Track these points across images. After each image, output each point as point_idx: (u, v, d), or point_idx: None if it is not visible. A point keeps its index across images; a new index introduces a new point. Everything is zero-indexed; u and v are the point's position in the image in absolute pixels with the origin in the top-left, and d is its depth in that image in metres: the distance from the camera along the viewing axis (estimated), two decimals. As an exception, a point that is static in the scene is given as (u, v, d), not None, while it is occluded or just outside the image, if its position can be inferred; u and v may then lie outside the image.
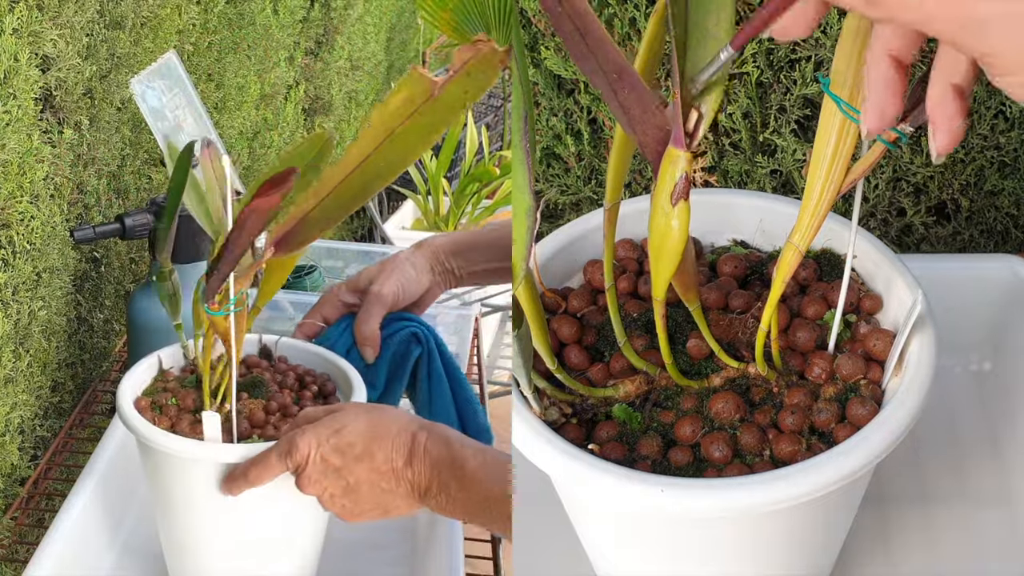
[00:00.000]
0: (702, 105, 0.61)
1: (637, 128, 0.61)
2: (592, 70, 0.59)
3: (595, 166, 1.24)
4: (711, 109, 0.61)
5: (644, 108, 0.61)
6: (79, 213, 1.18)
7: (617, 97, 0.60)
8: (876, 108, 0.56)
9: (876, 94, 0.55)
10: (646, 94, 0.60)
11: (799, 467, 0.67)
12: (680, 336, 0.77)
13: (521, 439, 0.70)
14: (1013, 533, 0.88)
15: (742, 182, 1.18)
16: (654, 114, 0.61)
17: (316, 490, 0.81)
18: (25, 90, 1.00)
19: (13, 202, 1.01)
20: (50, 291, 1.12)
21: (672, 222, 0.63)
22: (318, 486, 0.81)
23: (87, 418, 1.25)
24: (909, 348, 0.72)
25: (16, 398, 1.08)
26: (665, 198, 0.62)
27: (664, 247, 0.64)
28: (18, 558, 1.04)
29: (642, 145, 0.62)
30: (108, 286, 1.31)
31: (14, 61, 0.98)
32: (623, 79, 0.59)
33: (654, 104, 0.61)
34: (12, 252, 1.03)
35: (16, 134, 0.99)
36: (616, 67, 0.59)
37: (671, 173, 0.62)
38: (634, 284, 0.81)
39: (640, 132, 0.61)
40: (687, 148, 0.61)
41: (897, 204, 1.17)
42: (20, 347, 1.07)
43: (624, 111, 0.61)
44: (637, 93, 0.60)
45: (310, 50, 2.14)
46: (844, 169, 0.64)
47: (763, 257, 0.83)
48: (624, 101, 0.60)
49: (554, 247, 0.84)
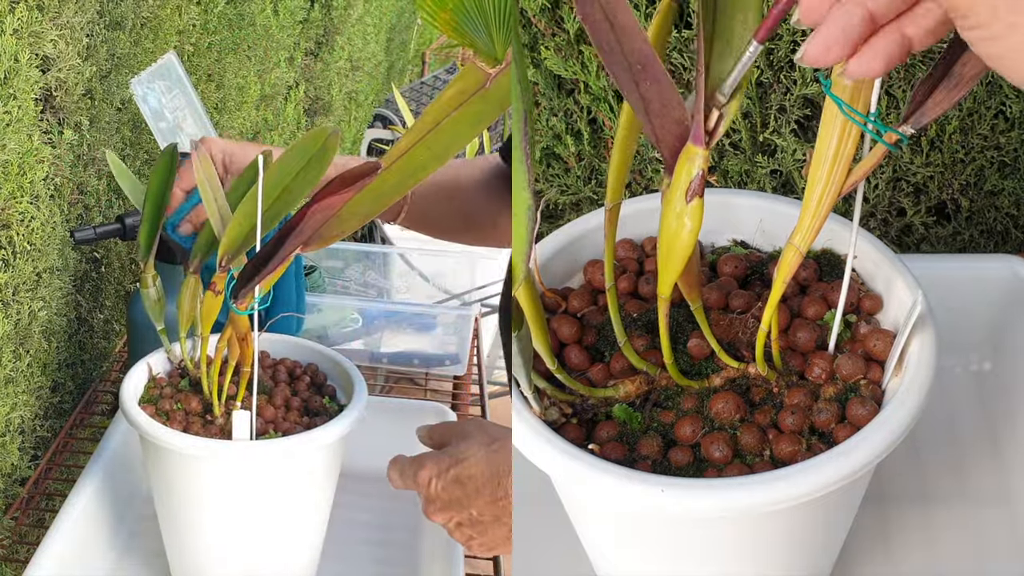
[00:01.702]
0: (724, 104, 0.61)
1: (655, 121, 0.61)
2: (615, 60, 0.58)
3: (595, 166, 1.24)
4: (732, 109, 0.61)
5: (665, 102, 0.60)
6: (79, 213, 1.18)
7: (639, 88, 0.59)
8: (824, 41, 0.53)
9: (829, 28, 0.53)
10: (669, 88, 0.60)
11: (799, 467, 0.67)
12: (680, 336, 0.77)
13: (521, 439, 0.70)
14: (1013, 533, 0.89)
15: (742, 182, 1.18)
16: (674, 109, 0.61)
17: (442, 519, 0.83)
18: (25, 90, 1.00)
19: (13, 202, 1.01)
20: (50, 291, 1.12)
21: (685, 220, 0.63)
22: (443, 515, 0.82)
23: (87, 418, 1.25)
24: (909, 348, 0.72)
25: (16, 398, 1.08)
26: (680, 195, 0.62)
27: (675, 245, 0.64)
28: (18, 558, 1.04)
29: (658, 139, 0.62)
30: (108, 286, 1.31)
31: (14, 62, 0.98)
32: (647, 70, 0.59)
33: (675, 99, 0.61)
34: (12, 252, 1.03)
35: (16, 134, 0.99)
36: (641, 57, 0.58)
37: (688, 170, 0.61)
38: (634, 284, 0.81)
39: (658, 126, 0.61)
40: (706, 146, 0.61)
41: (897, 204, 1.17)
42: (20, 347, 1.07)
43: (644, 103, 0.60)
44: (660, 86, 0.60)
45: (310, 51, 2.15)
46: (845, 171, 0.64)
47: (763, 257, 0.83)
48: (646, 93, 0.60)
49: (554, 247, 0.84)
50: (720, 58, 0.61)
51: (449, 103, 0.70)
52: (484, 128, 0.71)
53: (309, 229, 0.74)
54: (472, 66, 0.69)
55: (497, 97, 0.69)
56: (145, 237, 0.92)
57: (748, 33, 0.61)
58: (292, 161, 0.81)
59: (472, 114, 0.70)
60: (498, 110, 0.69)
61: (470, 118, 0.70)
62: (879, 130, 0.63)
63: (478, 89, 0.69)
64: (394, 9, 2.87)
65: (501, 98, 0.69)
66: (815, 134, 0.65)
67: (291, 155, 0.81)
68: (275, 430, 0.87)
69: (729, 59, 0.61)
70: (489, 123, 0.71)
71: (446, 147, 0.71)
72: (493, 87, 0.69)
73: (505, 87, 0.68)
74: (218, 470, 0.84)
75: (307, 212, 0.73)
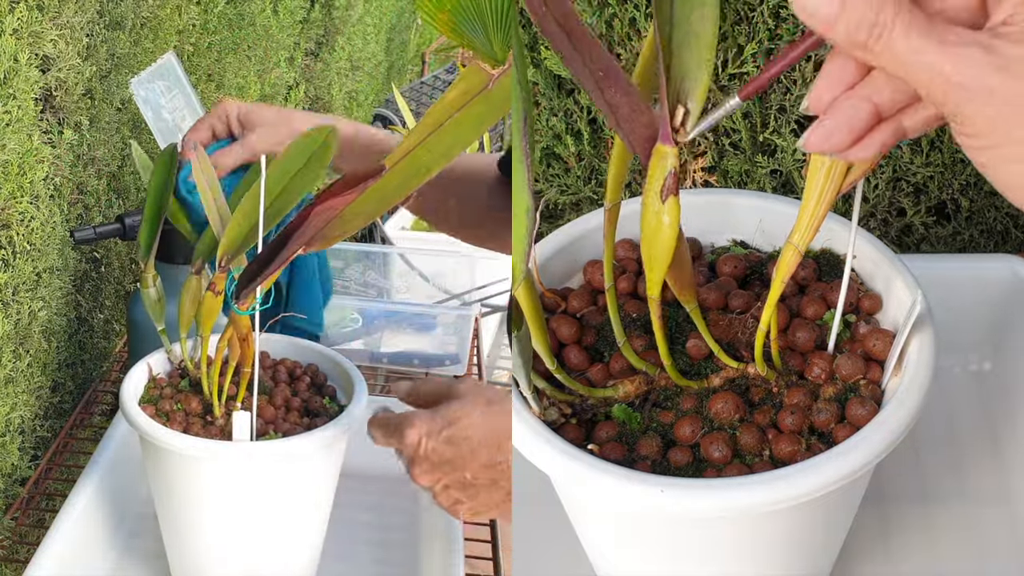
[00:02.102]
0: (688, 101, 0.61)
1: (624, 126, 0.62)
2: (578, 70, 0.59)
3: (595, 166, 1.24)
4: (698, 104, 0.61)
5: (632, 106, 0.61)
6: (79, 213, 1.19)
7: (604, 96, 0.60)
8: (826, 132, 0.55)
9: (836, 120, 0.55)
10: (632, 92, 0.61)
11: (799, 467, 0.67)
12: (680, 336, 0.77)
13: (521, 439, 0.70)
14: (1013, 533, 0.89)
15: (742, 182, 1.18)
16: (642, 112, 0.61)
17: (428, 481, 0.79)
18: (25, 90, 1.01)
19: (13, 202, 1.01)
20: (50, 291, 1.12)
21: (663, 218, 0.63)
22: (431, 477, 0.79)
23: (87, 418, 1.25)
24: (909, 348, 0.72)
25: (16, 398, 1.08)
26: (655, 194, 0.62)
27: (655, 244, 0.65)
28: (18, 558, 1.04)
29: (630, 143, 0.62)
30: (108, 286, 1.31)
31: (14, 62, 0.98)
32: (609, 78, 0.60)
33: (641, 102, 0.61)
34: (12, 252, 1.03)
35: (16, 134, 0.99)
36: (602, 66, 0.59)
37: (660, 169, 0.62)
38: (634, 284, 0.81)
39: (628, 130, 0.62)
40: (675, 143, 0.61)
41: (897, 204, 1.17)
42: (20, 347, 1.08)
43: (611, 110, 0.61)
44: (623, 91, 0.60)
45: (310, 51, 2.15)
46: (844, 170, 0.64)
47: (763, 257, 0.83)
48: (611, 100, 0.60)
49: (554, 247, 0.84)
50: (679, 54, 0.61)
51: (452, 104, 0.70)
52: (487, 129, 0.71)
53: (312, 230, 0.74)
54: (475, 67, 0.69)
55: (500, 98, 0.69)
56: (145, 237, 0.92)
57: (706, 28, 0.61)
58: (292, 160, 0.81)
59: (475, 115, 0.70)
60: (501, 111, 0.69)
61: (473, 119, 0.70)
62: (878, 130, 0.63)
63: (481, 90, 0.69)
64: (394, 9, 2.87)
65: (504, 99, 0.69)
66: (815, 134, 0.65)
67: (291, 154, 0.81)
68: (275, 431, 0.87)
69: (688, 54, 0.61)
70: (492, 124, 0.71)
71: (449, 148, 0.72)
72: (495, 88, 0.69)
73: (507, 88, 0.68)
74: (218, 471, 0.84)
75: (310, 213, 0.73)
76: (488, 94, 0.69)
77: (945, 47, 0.50)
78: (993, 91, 0.49)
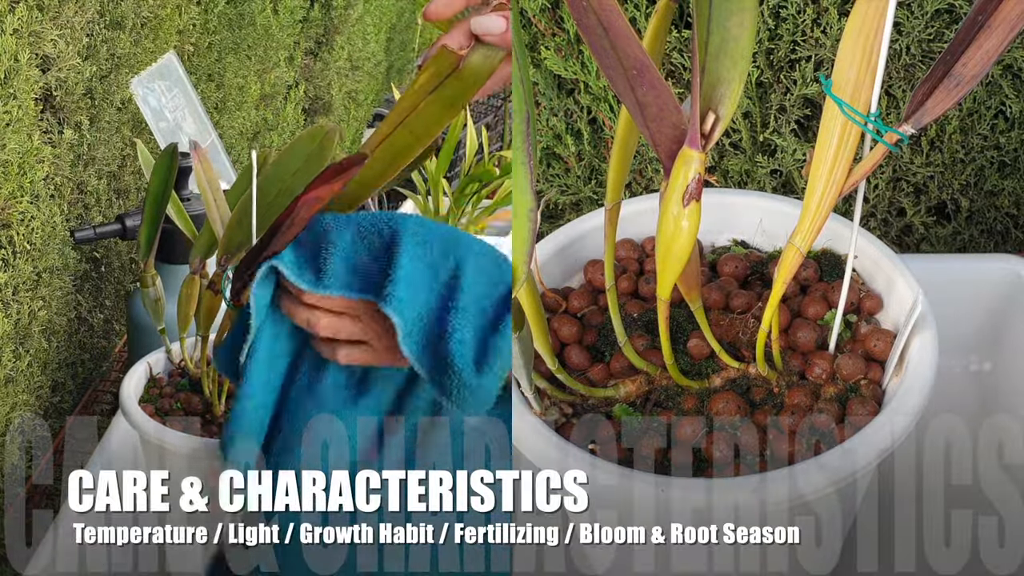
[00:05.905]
0: (720, 107, 0.61)
1: (652, 126, 0.61)
2: (611, 65, 0.59)
3: (595, 166, 1.24)
4: (728, 112, 0.61)
5: (661, 106, 0.60)
6: (79, 213, 1.18)
7: (635, 93, 0.60)
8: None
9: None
10: (665, 92, 0.60)
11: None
12: (681, 336, 0.77)
13: (521, 439, 0.70)
14: (1013, 533, 0.89)
15: (742, 182, 1.18)
16: (671, 113, 0.61)
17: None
18: (25, 90, 1.00)
19: (13, 202, 1.01)
20: (50, 291, 1.12)
21: (682, 223, 0.63)
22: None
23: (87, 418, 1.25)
24: (909, 348, 0.72)
25: (16, 398, 1.08)
26: (677, 199, 0.62)
27: (672, 248, 0.64)
28: (18, 558, 1.04)
29: (655, 143, 0.62)
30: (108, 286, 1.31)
31: (14, 61, 0.98)
32: (643, 75, 0.59)
33: (672, 103, 0.61)
34: (12, 252, 1.03)
35: (16, 134, 0.99)
36: (637, 63, 0.59)
37: (684, 174, 0.62)
38: (635, 284, 0.81)
39: (655, 130, 0.61)
40: (702, 149, 0.61)
41: (897, 204, 1.17)
42: (20, 347, 1.07)
43: (640, 108, 0.60)
44: (656, 91, 0.60)
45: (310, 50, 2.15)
46: (846, 171, 0.64)
47: (763, 257, 0.83)
48: (642, 98, 0.60)
49: (554, 247, 0.83)
50: (715, 59, 0.61)
51: (424, 86, 0.72)
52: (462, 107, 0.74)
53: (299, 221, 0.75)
54: (444, 50, 0.72)
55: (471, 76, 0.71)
56: (145, 237, 0.92)
57: (744, 35, 0.61)
58: (290, 160, 0.81)
59: (448, 95, 0.72)
60: (473, 89, 0.71)
61: (446, 99, 0.72)
62: (879, 130, 0.63)
63: (451, 71, 0.71)
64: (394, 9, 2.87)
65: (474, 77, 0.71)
66: (815, 134, 0.65)
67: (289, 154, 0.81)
68: None
69: (725, 60, 0.61)
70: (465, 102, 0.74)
71: (427, 128, 0.74)
72: (465, 68, 0.71)
73: (476, 66, 0.71)
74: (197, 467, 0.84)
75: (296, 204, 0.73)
76: (459, 74, 0.71)
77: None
78: None
